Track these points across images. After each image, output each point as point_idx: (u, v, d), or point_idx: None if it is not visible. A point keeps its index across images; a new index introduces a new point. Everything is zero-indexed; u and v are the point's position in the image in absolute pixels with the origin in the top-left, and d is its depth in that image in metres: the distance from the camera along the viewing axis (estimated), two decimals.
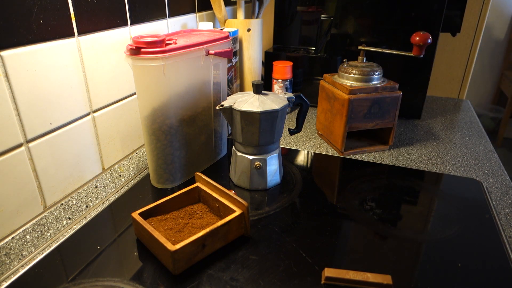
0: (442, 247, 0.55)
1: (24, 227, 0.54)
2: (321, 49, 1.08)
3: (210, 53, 0.66)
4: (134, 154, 0.77)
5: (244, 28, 0.92)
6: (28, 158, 0.54)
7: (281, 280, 0.48)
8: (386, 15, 0.96)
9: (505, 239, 0.57)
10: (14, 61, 0.50)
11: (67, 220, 0.61)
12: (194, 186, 0.61)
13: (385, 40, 0.98)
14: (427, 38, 0.74)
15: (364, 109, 0.79)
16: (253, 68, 0.98)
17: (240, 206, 0.54)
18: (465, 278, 0.50)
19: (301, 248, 0.54)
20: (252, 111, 0.61)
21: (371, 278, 0.47)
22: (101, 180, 0.68)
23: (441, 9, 0.91)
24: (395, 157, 0.83)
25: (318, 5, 1.04)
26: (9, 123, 0.50)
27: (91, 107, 0.64)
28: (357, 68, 0.80)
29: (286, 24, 1.11)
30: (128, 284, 0.48)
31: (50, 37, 0.54)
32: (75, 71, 0.59)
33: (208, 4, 0.96)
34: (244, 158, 0.67)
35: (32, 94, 0.53)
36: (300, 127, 0.73)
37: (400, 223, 0.61)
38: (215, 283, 0.48)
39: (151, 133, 0.65)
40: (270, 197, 0.67)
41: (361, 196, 0.67)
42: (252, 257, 0.53)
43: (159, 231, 0.53)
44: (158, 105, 0.62)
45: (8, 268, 0.52)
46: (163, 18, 0.80)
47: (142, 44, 0.57)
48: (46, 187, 0.57)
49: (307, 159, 0.82)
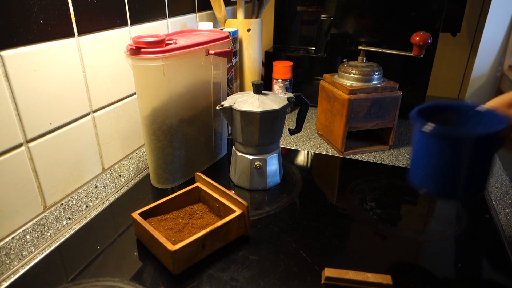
0: (442, 247, 0.55)
1: (24, 227, 0.54)
2: (321, 49, 1.08)
3: (210, 53, 0.66)
4: (134, 154, 0.77)
5: (244, 28, 0.92)
6: (28, 158, 0.54)
7: (281, 280, 0.48)
8: (386, 15, 0.96)
9: (505, 239, 0.57)
10: (14, 61, 0.50)
11: (67, 220, 0.61)
12: (194, 186, 0.61)
13: (385, 40, 0.98)
14: (427, 38, 0.74)
15: (364, 109, 0.79)
16: (253, 68, 0.98)
17: (240, 206, 0.54)
18: (465, 278, 0.50)
19: (301, 248, 0.54)
20: (252, 111, 0.61)
21: (371, 278, 0.47)
22: (101, 180, 0.68)
23: (441, 9, 0.91)
24: (395, 157, 0.83)
25: (318, 5, 1.04)
26: (9, 123, 0.50)
27: (91, 107, 0.64)
28: (357, 68, 0.80)
29: (286, 24, 1.11)
30: (128, 284, 0.48)
31: (50, 37, 0.54)
32: (75, 71, 0.59)
33: (208, 4, 0.96)
34: (244, 158, 0.67)
35: (32, 94, 0.53)
36: (300, 127, 0.73)
37: (400, 223, 0.61)
38: (215, 283, 0.48)
39: (151, 133, 0.64)
40: (270, 197, 0.67)
41: (361, 196, 0.67)
42: (252, 257, 0.53)
43: (159, 231, 0.53)
44: (158, 105, 0.62)
45: (8, 268, 0.52)
46: (163, 18, 0.80)
47: (142, 44, 0.57)
48: (46, 187, 0.57)
49: (307, 159, 0.82)
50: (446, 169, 0.45)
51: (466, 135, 0.44)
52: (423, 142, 0.46)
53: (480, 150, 0.44)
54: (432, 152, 0.45)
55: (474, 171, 0.45)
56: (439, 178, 0.46)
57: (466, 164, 0.44)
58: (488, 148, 0.45)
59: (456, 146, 0.44)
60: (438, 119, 0.47)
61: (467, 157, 0.44)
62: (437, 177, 0.46)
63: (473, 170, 0.45)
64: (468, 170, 0.45)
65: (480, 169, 0.46)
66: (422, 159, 0.47)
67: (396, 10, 0.94)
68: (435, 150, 0.45)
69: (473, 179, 0.46)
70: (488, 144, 0.44)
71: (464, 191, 0.46)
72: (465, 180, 0.46)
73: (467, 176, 0.45)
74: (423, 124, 0.44)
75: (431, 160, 0.45)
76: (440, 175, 0.46)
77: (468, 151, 0.44)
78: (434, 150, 0.45)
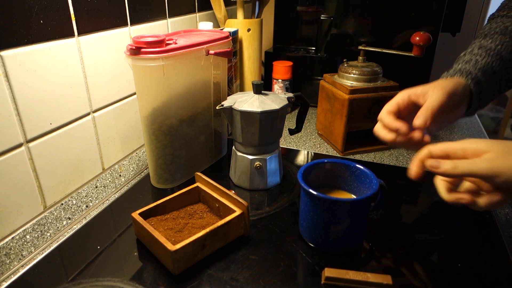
0: (442, 247, 0.55)
1: (24, 227, 0.54)
2: (321, 49, 1.08)
3: (210, 53, 0.66)
4: (134, 154, 0.77)
5: (244, 28, 0.92)
6: (28, 158, 0.54)
7: (281, 280, 0.48)
8: (386, 15, 0.96)
9: (505, 239, 0.57)
10: (14, 61, 0.50)
11: (67, 220, 0.61)
12: (194, 186, 0.61)
13: (385, 40, 0.98)
14: (427, 38, 0.74)
15: (364, 109, 0.79)
16: (253, 68, 0.98)
17: (240, 206, 0.54)
18: (465, 278, 0.50)
19: (301, 248, 0.54)
20: (252, 111, 0.61)
21: (371, 278, 0.47)
22: (101, 180, 0.68)
23: (441, 9, 0.91)
24: (395, 157, 0.83)
25: (318, 5, 1.04)
26: (9, 123, 0.50)
27: (91, 107, 0.64)
28: (357, 68, 0.80)
29: (286, 24, 1.11)
30: (128, 284, 0.48)
31: (50, 37, 0.54)
32: (75, 71, 0.59)
33: (208, 4, 0.96)
34: (244, 158, 0.67)
35: (32, 94, 0.53)
36: (300, 127, 0.73)
37: (400, 223, 0.61)
38: (215, 283, 0.48)
39: (151, 133, 0.64)
40: (270, 197, 0.67)
41: None
42: (252, 257, 0.53)
43: (159, 231, 0.53)
44: (158, 105, 0.62)
45: (8, 268, 0.52)
46: (163, 18, 0.80)
47: (142, 44, 0.57)
48: (46, 187, 0.57)
49: (307, 159, 0.82)
50: (318, 224, 0.52)
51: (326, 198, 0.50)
52: (303, 199, 0.53)
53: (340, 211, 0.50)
54: (309, 208, 0.52)
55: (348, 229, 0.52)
56: (313, 231, 0.53)
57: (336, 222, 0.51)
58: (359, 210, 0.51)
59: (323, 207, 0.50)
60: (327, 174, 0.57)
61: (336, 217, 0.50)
62: (312, 229, 0.53)
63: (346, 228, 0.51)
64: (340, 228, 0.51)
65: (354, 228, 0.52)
66: (304, 213, 0.53)
67: (396, 10, 0.94)
68: (310, 207, 0.52)
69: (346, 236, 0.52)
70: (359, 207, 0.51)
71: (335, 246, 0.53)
72: (337, 236, 0.52)
73: (338, 233, 0.52)
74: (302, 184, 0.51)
75: (309, 214, 0.52)
76: (314, 229, 0.52)
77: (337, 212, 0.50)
78: (310, 207, 0.52)
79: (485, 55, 0.56)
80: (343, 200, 0.51)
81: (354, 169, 0.56)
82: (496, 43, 0.58)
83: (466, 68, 0.54)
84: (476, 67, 0.54)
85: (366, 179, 0.55)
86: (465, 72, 0.53)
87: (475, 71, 0.53)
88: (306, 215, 0.53)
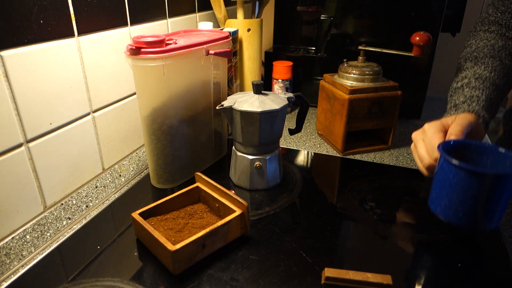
0: (442, 247, 0.55)
1: (24, 227, 0.54)
2: (321, 49, 1.08)
3: (210, 53, 0.66)
4: (134, 154, 0.77)
5: (244, 28, 0.92)
6: (28, 158, 0.54)
7: (281, 280, 0.48)
8: (386, 15, 0.96)
9: (505, 239, 0.57)
10: (14, 61, 0.50)
11: (67, 220, 0.61)
12: (194, 186, 0.61)
13: (385, 40, 0.98)
14: (427, 38, 0.74)
15: (364, 109, 0.79)
16: (253, 68, 0.98)
17: (240, 206, 0.54)
18: (465, 278, 0.50)
19: (301, 248, 0.54)
20: (252, 111, 0.61)
21: (371, 278, 0.47)
22: (101, 180, 0.68)
23: (441, 9, 0.91)
24: (395, 157, 0.83)
25: (318, 5, 1.04)
26: (9, 123, 0.50)
27: (91, 107, 0.64)
28: (357, 68, 0.80)
29: (286, 24, 1.11)
30: (128, 284, 0.48)
31: (50, 37, 0.54)
32: (75, 71, 0.59)
33: (208, 4, 0.96)
34: (244, 158, 0.67)
35: (32, 94, 0.53)
36: (300, 127, 0.73)
37: (400, 223, 0.61)
38: (215, 283, 0.48)
39: (151, 133, 0.64)
40: (270, 197, 0.67)
41: (361, 196, 0.67)
42: (252, 257, 0.53)
43: (159, 231, 0.53)
44: (158, 105, 0.62)
45: (8, 268, 0.52)
46: (163, 18, 0.80)
47: (142, 44, 0.57)
48: (46, 187, 0.57)
49: (307, 159, 0.82)
50: (468, 203, 0.49)
51: (492, 173, 0.47)
52: (448, 176, 0.50)
53: (501, 187, 0.48)
54: (456, 185, 0.49)
55: (492, 206, 0.49)
56: (460, 210, 0.50)
57: (486, 199, 0.48)
58: (509, 187, 0.48)
59: (481, 182, 0.47)
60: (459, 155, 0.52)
61: (488, 193, 0.48)
62: (458, 208, 0.50)
63: (491, 206, 0.49)
64: (487, 205, 0.49)
65: (497, 205, 0.49)
66: (445, 191, 0.51)
67: (396, 10, 0.94)
68: (460, 184, 0.49)
69: (491, 213, 0.50)
70: (509, 183, 0.48)
71: (480, 224, 0.50)
72: (483, 214, 0.49)
73: (485, 211, 0.49)
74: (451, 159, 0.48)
75: (455, 192, 0.49)
76: (461, 207, 0.50)
77: (492, 187, 0.48)
78: (460, 184, 0.49)
79: (483, 88, 0.61)
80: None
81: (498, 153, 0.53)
82: (489, 69, 0.63)
83: (476, 109, 0.60)
84: (480, 104, 0.60)
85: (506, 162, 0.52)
86: (474, 112, 0.60)
87: (483, 112, 0.60)
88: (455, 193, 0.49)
